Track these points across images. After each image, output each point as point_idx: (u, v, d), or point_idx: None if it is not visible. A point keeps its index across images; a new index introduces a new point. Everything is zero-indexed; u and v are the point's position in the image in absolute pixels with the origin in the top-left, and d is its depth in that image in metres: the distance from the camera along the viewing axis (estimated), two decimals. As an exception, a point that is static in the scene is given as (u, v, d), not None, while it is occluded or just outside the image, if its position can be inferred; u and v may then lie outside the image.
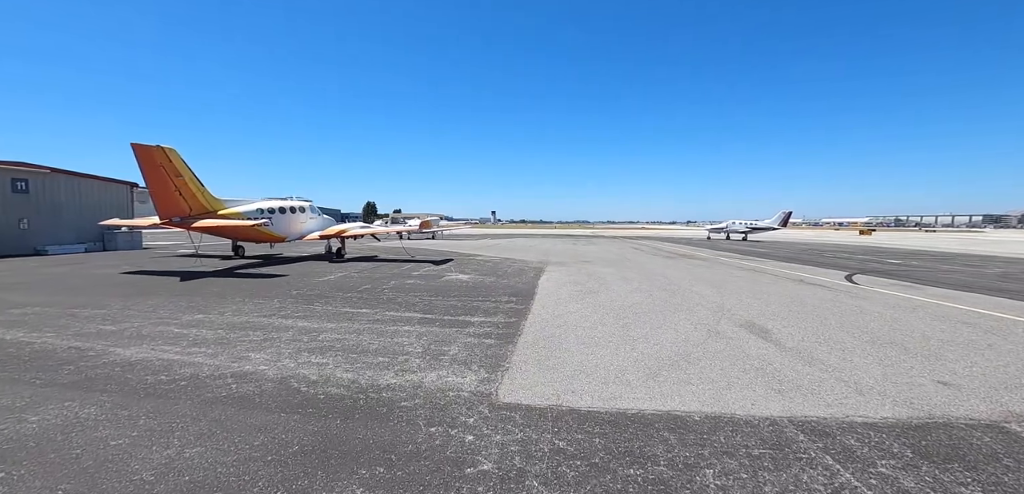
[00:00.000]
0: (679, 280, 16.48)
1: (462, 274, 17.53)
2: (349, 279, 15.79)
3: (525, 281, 15.86)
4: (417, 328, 8.76)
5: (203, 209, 18.47)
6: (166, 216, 17.29)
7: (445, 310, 10.50)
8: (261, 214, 21.12)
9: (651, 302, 11.98)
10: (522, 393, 5.57)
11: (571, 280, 16.28)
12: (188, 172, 17.58)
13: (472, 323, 9.25)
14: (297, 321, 9.32)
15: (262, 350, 7.28)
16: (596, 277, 17.21)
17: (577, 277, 17.20)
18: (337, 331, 8.50)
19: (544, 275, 17.74)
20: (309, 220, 23.85)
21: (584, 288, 14.32)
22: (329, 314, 9.98)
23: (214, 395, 5.42)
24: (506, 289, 13.88)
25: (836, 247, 40.21)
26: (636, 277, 17.30)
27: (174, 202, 17.29)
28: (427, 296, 12.38)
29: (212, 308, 10.69)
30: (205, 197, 18.60)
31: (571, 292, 13.50)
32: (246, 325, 9.00)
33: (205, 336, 8.17)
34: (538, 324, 9.26)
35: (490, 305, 11.20)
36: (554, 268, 20.43)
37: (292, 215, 22.77)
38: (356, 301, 11.54)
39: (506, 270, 19.30)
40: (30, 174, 27.92)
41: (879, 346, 7.94)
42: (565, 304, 11.53)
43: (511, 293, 13.12)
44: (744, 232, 62.64)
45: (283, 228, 22.27)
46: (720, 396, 5.57)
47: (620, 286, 14.83)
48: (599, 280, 16.33)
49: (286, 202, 22.71)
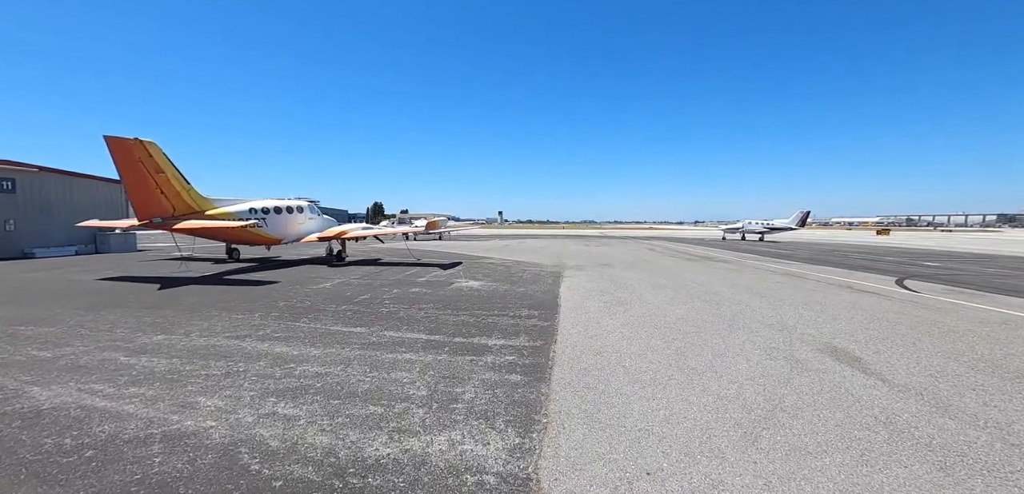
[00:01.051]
0: (717, 287, 14.62)
1: (472, 281, 15.78)
2: (346, 287, 14.09)
3: (544, 289, 14.08)
4: (421, 356, 7.01)
5: (188, 209, 16.85)
6: (146, 217, 15.68)
7: (455, 329, 8.72)
8: (253, 214, 19.49)
9: (697, 317, 10.16)
10: (575, 478, 3.78)
11: (595, 288, 14.47)
12: (171, 168, 15.96)
13: (489, 348, 7.48)
14: (274, 345, 7.60)
15: (218, 392, 5.55)
16: (622, 284, 15.39)
17: (601, 284, 15.39)
18: (321, 361, 6.76)
19: (563, 281, 15.95)
20: (308, 221, 22.21)
21: (613, 298, 12.52)
22: (315, 335, 8.25)
23: (122, 482, 3.69)
24: (524, 300, 12.11)
25: (859, 248, 38.07)
26: (667, 284, 15.46)
27: (155, 201, 15.68)
28: (434, 309, 10.63)
29: (179, 326, 9.00)
30: (191, 196, 16.98)
31: (599, 303, 11.70)
32: (210, 351, 7.29)
33: (155, 367, 6.47)
34: (572, 350, 7.47)
35: (508, 322, 9.42)
36: (572, 272, 18.63)
37: (289, 216, 21.12)
38: (350, 317, 9.81)
39: (520, 275, 17.53)
40: (17, 173, 26.52)
41: (1015, 380, 6.10)
42: (597, 320, 9.73)
43: (531, 305, 11.34)
44: (761, 232, 60.46)
45: (279, 229, 20.63)
46: (863, 478, 3.78)
47: (653, 296, 13.00)
48: (627, 288, 14.52)
49: (282, 202, 21.07)
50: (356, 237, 22.54)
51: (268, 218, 20.08)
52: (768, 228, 60.67)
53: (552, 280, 16.17)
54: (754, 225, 61.72)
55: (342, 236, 21.46)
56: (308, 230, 22.05)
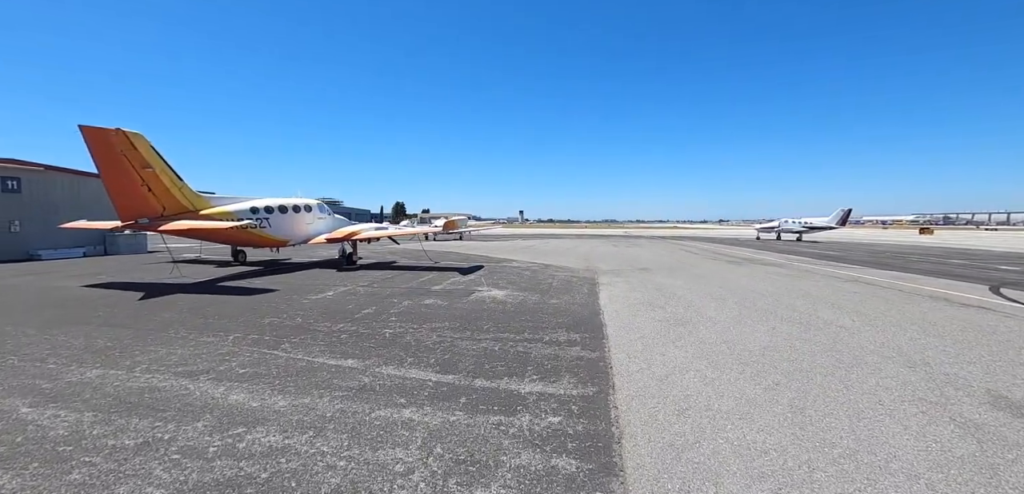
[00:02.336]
0: (786, 299, 12.17)
1: (496, 289, 13.68)
2: (350, 297, 12.15)
3: (580, 301, 11.87)
4: (427, 415, 4.90)
5: (180, 208, 15.19)
6: (130, 217, 14.03)
7: (475, 364, 6.59)
8: (254, 214, 17.78)
9: (786, 344, 7.83)
10: None
11: (641, 299, 12.19)
12: (159, 162, 14.30)
13: (522, 400, 5.33)
14: (232, 389, 5.61)
15: (105, 490, 3.57)
16: (670, 294, 13.07)
17: (645, 293, 13.10)
18: (284, 422, 4.74)
19: (601, 290, 13.71)
20: (317, 221, 20.46)
21: (667, 314, 10.24)
22: (291, 373, 6.24)
23: None
24: (560, 316, 9.94)
25: (911, 249, 34.62)
26: (724, 294, 13.07)
27: (140, 199, 14.02)
28: (449, 331, 8.54)
29: (129, 353, 7.14)
30: (183, 193, 15.31)
31: (653, 322, 9.44)
32: (144, 398, 5.35)
33: (49, 430, 4.55)
34: (641, 406, 5.25)
35: (544, 351, 7.26)
36: (608, 278, 16.36)
37: (295, 215, 19.38)
38: (344, 342, 7.80)
39: (550, 282, 15.35)
40: (22, 172, 25.56)
41: None
42: (659, 349, 7.49)
43: (569, 324, 9.15)
44: (798, 231, 56.87)
45: (284, 230, 18.90)
46: None
47: (716, 311, 10.67)
48: (678, 299, 12.20)
49: (287, 200, 19.33)
50: (368, 238, 20.69)
51: (272, 218, 18.36)
52: (806, 227, 57.05)
53: (587, 289, 13.94)
54: (791, 224, 58.18)
55: (352, 237, 19.63)
56: (317, 231, 20.32)
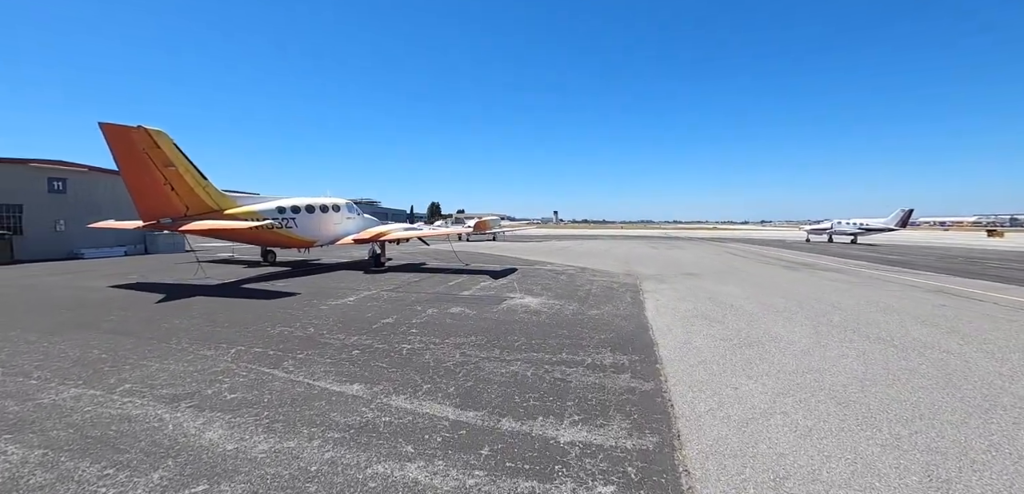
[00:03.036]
0: (865, 313, 10.45)
1: (529, 295, 12.50)
2: (372, 303, 11.25)
3: (624, 311, 10.54)
4: (437, 474, 3.76)
5: (204, 208, 14.75)
6: (151, 216, 13.65)
7: (503, 396, 5.42)
8: (281, 214, 17.25)
9: (888, 378, 6.29)
10: None
11: (693, 310, 10.74)
12: (183, 161, 13.87)
13: (562, 453, 4.12)
14: (210, 424, 4.66)
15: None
16: (726, 304, 11.54)
17: (698, 303, 11.62)
18: (256, 477, 3.69)
19: (646, 298, 12.31)
20: (345, 221, 19.84)
21: (730, 332, 8.78)
22: (283, 403, 5.25)
23: None
24: (602, 330, 8.67)
25: (982, 253, 31.26)
26: (790, 306, 11.42)
27: (163, 199, 13.62)
28: (474, 348, 7.42)
29: (117, 368, 6.38)
30: (207, 193, 14.88)
31: (715, 342, 8.03)
32: (106, 435, 4.47)
33: (-22, 479, 3.70)
34: (722, 473, 3.90)
35: (587, 379, 6.03)
36: (652, 285, 14.90)
37: (322, 215, 18.80)
38: (353, 362, 6.79)
39: (588, 288, 14.04)
40: (68, 173, 26.26)
41: None
42: (729, 380, 6.11)
43: (614, 342, 7.86)
44: (853, 233, 52.94)
45: (310, 230, 18.33)
46: None
47: (785, 328, 9.12)
48: (736, 312, 10.68)
49: (315, 200, 18.76)
50: (397, 239, 19.92)
51: (298, 218, 17.80)
52: (862, 228, 53.06)
53: (630, 297, 12.56)
54: (844, 225, 54.26)
55: (380, 238, 18.88)
56: (345, 231, 19.70)
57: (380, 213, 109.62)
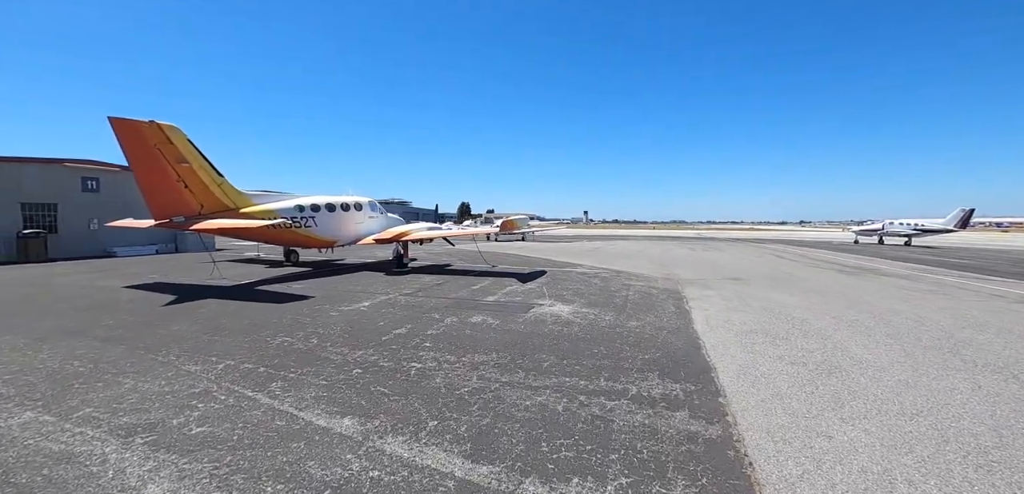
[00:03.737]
0: (966, 334, 8.76)
1: (560, 303, 11.31)
2: (387, 309, 10.30)
3: (669, 324, 9.21)
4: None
5: (220, 206, 14.18)
6: (164, 215, 13.13)
7: (527, 440, 4.25)
8: (300, 213, 16.59)
9: (1033, 420, 4.85)
10: None
11: (751, 324, 9.30)
12: (197, 157, 13.30)
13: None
14: (157, 473, 3.69)
15: None
16: (789, 318, 10.03)
17: (754, 315, 10.15)
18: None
19: (691, 307, 10.92)
20: (367, 220, 19.10)
21: (800, 353, 7.36)
22: (259, 438, 4.25)
23: None
24: (646, 348, 7.40)
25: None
26: (866, 321, 9.84)
27: (176, 196, 13.08)
28: (495, 369, 6.29)
29: (88, 385, 5.56)
30: (223, 191, 14.30)
31: (785, 368, 6.64)
32: (32, 483, 3.57)
33: None
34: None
35: (634, 418, 4.80)
36: (696, 291, 13.44)
37: (344, 214, 18.08)
38: (352, 384, 5.77)
39: (625, 294, 12.73)
40: (101, 172, 26.58)
41: None
42: (820, 426, 4.74)
43: (663, 365, 6.58)
44: (907, 235, 49.15)
45: (331, 230, 17.63)
46: None
47: (871, 351, 7.61)
48: (805, 329, 9.19)
49: (335, 198, 18.06)
50: (420, 239, 19.05)
51: (318, 217, 17.12)
52: (917, 229, 49.26)
53: (673, 306, 11.19)
54: (897, 225, 50.47)
55: (402, 238, 18.03)
56: (368, 231, 18.96)
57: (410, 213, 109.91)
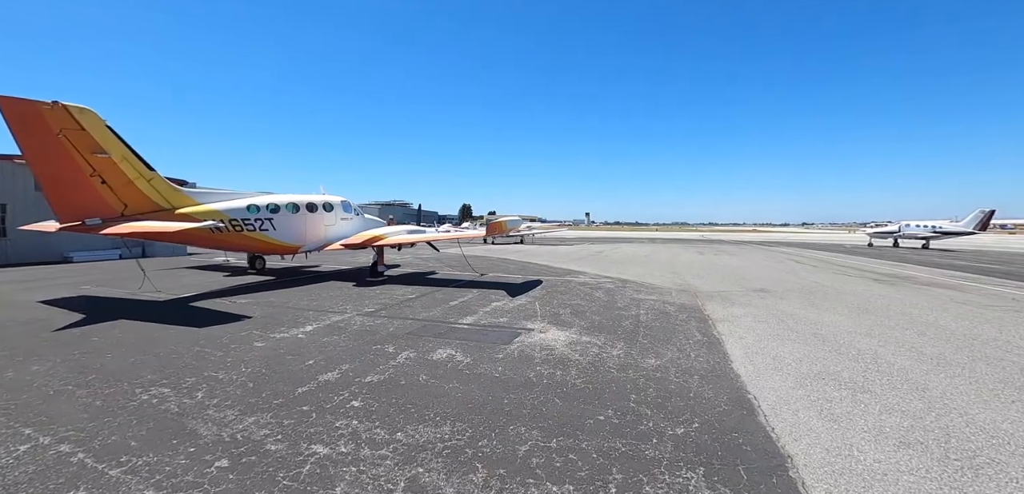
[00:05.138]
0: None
1: (554, 326, 8.99)
2: (328, 339, 7.99)
3: (698, 361, 6.86)
4: None
5: (149, 205, 11.88)
6: (73, 216, 10.81)
7: None
8: (254, 214, 14.29)
9: None
10: None
11: (810, 364, 6.92)
12: (119, 148, 11.01)
13: None
14: None
15: None
16: (853, 352, 7.67)
17: (806, 346, 7.80)
18: None
19: (724, 336, 8.54)
20: (340, 222, 16.82)
21: (910, 420, 5.00)
22: None
23: None
24: (673, 409, 5.06)
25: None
26: (955, 356, 7.47)
27: (88, 193, 10.77)
28: (438, 462, 3.96)
29: None
30: (155, 187, 12.01)
31: (903, 456, 4.28)
32: None
33: None
34: None
35: None
36: (721, 309, 11.08)
37: (309, 216, 15.78)
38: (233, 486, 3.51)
39: (635, 313, 10.39)
40: (58, 170, 24.27)
41: None
42: None
43: (707, 450, 4.21)
44: (925, 237, 46.77)
45: (293, 233, 15.31)
46: None
47: (1009, 419, 5.32)
48: (888, 370, 6.82)
49: (300, 198, 15.76)
50: (397, 244, 16.79)
51: (277, 219, 14.80)
52: (936, 232, 46.88)
53: (698, 331, 8.85)
54: (913, 228, 48.10)
55: (374, 242, 15.75)
56: (340, 234, 16.69)
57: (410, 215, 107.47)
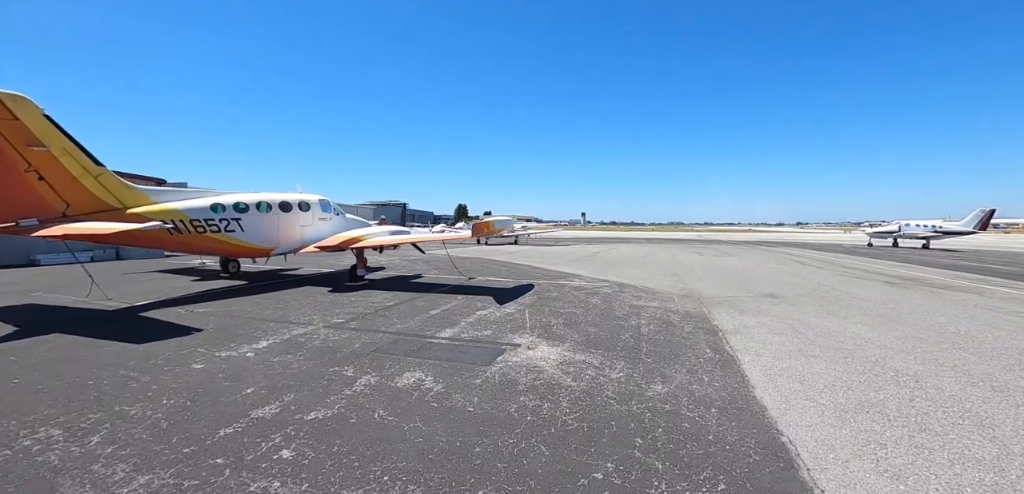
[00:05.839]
0: None
1: (545, 341, 7.88)
2: (277, 360, 6.85)
3: (714, 386, 5.74)
4: None
5: (96, 204, 10.70)
6: (5, 216, 9.63)
7: None
8: (218, 213, 13.09)
9: None
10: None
11: (851, 391, 5.82)
12: (59, 141, 9.80)
13: None
14: None
15: None
16: (898, 376, 6.59)
17: (838, 369, 6.70)
18: None
19: (737, 351, 7.45)
20: (316, 222, 15.64)
21: (999, 479, 4.00)
22: None
23: None
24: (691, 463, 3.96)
25: None
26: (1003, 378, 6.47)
27: (23, 190, 9.55)
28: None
29: None
30: (102, 184, 10.82)
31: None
32: None
33: None
34: None
35: None
36: (730, 318, 10.00)
37: (283, 216, 14.60)
38: None
39: (636, 323, 9.31)
40: (24, 168, 22.98)
41: None
42: None
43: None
44: (925, 237, 45.98)
45: (263, 235, 14.10)
46: None
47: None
48: (952, 409, 5.71)
49: (272, 196, 14.58)
50: (379, 246, 15.65)
51: (245, 219, 13.60)
52: (937, 231, 46.13)
53: (708, 345, 7.76)
54: (913, 227, 47.33)
55: (351, 244, 14.59)
56: (318, 235, 15.53)
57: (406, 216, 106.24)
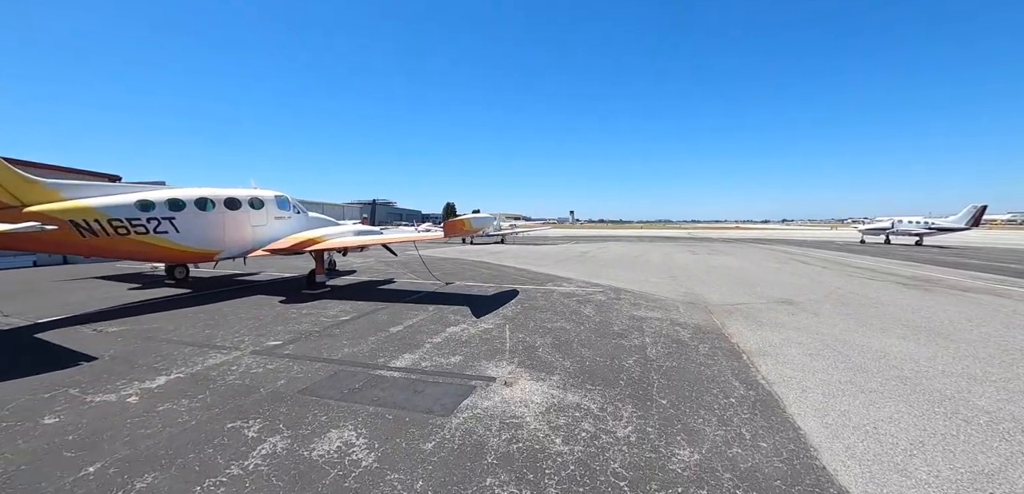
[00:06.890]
0: None
1: (525, 373, 6.20)
2: (163, 409, 5.07)
3: (764, 455, 4.07)
4: None
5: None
6: None
7: None
8: (146, 211, 11.18)
9: None
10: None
11: (960, 464, 4.23)
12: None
13: None
14: None
15: None
16: (997, 421, 5.05)
17: (919, 417, 5.09)
18: None
19: (776, 386, 5.84)
20: (273, 222, 13.74)
21: None
22: None
23: None
24: None
25: None
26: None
27: None
28: None
29: None
30: (0, 180, 8.95)
31: None
32: None
33: None
34: None
35: None
36: (748, 331, 8.41)
37: (227, 214, 12.64)
38: None
39: (640, 344, 7.65)
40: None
41: None
42: None
43: None
44: (918, 234, 45.26)
45: (202, 235, 12.16)
46: None
47: None
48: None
49: (218, 192, 12.64)
50: (342, 247, 13.84)
51: (181, 218, 11.67)
52: (930, 228, 45.46)
53: (736, 376, 6.14)
54: (906, 224, 46.70)
55: (307, 247, 12.72)
56: (273, 235, 13.63)
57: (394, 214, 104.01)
